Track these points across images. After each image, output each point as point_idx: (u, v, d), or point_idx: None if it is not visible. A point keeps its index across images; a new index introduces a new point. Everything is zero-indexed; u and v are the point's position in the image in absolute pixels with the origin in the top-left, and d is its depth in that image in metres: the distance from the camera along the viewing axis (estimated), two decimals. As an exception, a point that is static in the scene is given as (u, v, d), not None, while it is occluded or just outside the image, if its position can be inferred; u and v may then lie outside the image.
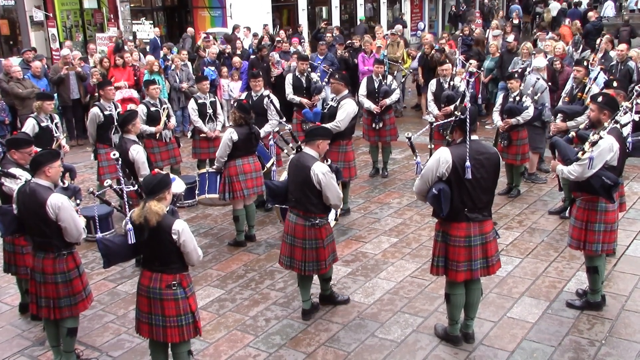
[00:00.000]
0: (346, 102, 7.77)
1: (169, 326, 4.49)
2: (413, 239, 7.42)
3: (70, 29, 19.89)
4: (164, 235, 4.34)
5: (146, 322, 4.54)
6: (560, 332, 5.31)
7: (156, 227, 4.32)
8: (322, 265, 5.51)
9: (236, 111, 7.18)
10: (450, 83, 9.12)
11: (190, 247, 4.43)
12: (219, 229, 8.10)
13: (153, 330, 4.53)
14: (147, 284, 4.49)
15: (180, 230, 4.35)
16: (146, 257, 4.51)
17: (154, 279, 4.47)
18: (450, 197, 4.70)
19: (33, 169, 4.86)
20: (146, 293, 4.50)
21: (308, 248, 5.46)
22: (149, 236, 4.36)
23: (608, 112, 5.33)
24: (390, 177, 9.72)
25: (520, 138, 8.34)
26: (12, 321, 5.98)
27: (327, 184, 5.31)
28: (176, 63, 12.62)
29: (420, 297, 6.03)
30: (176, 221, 4.39)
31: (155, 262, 4.46)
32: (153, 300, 4.48)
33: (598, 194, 5.21)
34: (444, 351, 5.13)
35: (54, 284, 4.84)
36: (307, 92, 9.60)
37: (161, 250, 4.40)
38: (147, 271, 4.52)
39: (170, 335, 4.51)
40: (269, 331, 5.56)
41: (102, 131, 8.43)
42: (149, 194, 4.39)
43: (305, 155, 5.47)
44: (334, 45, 13.94)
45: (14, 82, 11.42)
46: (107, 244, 4.50)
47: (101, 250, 4.52)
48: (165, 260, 4.43)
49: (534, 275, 6.35)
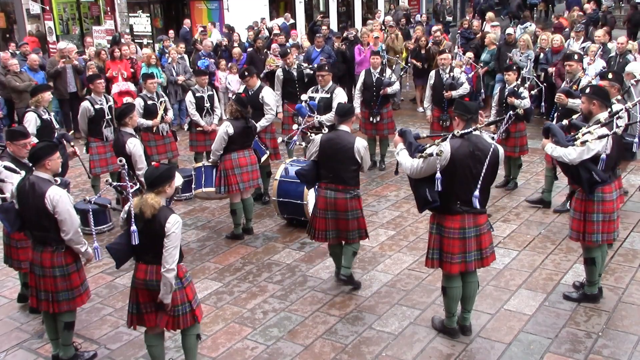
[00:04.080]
0: (340, 91, 8.22)
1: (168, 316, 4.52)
2: (410, 232, 7.43)
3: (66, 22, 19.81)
4: (158, 227, 4.34)
5: (153, 312, 4.54)
6: (557, 324, 5.33)
7: (151, 219, 4.33)
8: (364, 232, 5.98)
9: (234, 104, 7.18)
10: (450, 74, 9.12)
11: (174, 244, 4.36)
12: (216, 222, 8.10)
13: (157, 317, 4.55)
14: (144, 277, 4.49)
15: (172, 224, 4.33)
16: (139, 249, 4.49)
17: (149, 272, 4.47)
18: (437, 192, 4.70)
19: (33, 162, 4.86)
20: (144, 286, 4.50)
21: (351, 218, 5.87)
22: (144, 228, 4.36)
23: (597, 102, 5.35)
24: (387, 170, 9.72)
25: (518, 130, 8.33)
26: (11, 314, 5.99)
27: (366, 155, 5.90)
28: (172, 56, 12.57)
29: (417, 289, 6.05)
30: (172, 215, 4.38)
31: (149, 253, 4.46)
32: (152, 292, 4.48)
33: (581, 184, 5.21)
34: (441, 343, 5.14)
35: (52, 277, 4.85)
36: (298, 83, 9.60)
37: (155, 243, 4.39)
38: (142, 264, 4.52)
39: (172, 323, 4.55)
40: (267, 324, 5.57)
41: (93, 125, 8.40)
42: (149, 187, 4.40)
43: (342, 132, 5.89)
44: (331, 38, 13.90)
45: (11, 74, 11.39)
46: (116, 247, 4.52)
47: (113, 255, 4.55)
48: (159, 252, 4.41)
49: (531, 268, 6.37)
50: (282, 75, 9.72)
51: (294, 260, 6.84)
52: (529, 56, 11.55)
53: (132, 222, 4.34)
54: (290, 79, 9.67)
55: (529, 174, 9.24)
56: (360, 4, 24.16)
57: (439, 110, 9.31)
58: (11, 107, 11.75)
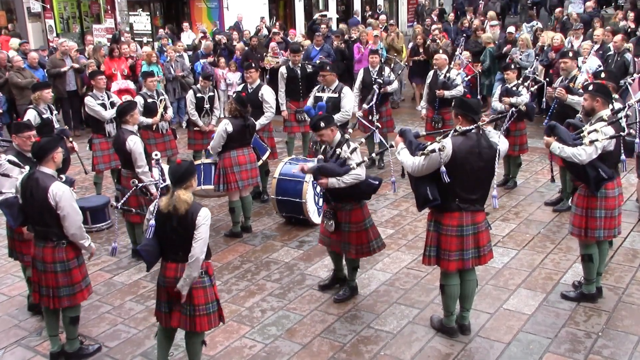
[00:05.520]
0: (347, 91, 8.19)
1: (197, 315, 4.48)
2: (409, 231, 7.41)
3: (67, 20, 19.82)
4: (190, 222, 4.33)
5: (178, 311, 4.51)
6: (556, 324, 5.31)
7: (184, 215, 4.32)
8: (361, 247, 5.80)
9: (233, 102, 7.16)
10: (446, 75, 9.09)
11: (203, 236, 4.36)
12: (215, 220, 8.08)
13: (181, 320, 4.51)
14: (174, 275, 4.43)
15: (203, 217, 4.34)
16: (168, 249, 4.45)
17: (180, 270, 4.41)
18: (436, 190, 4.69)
19: (40, 156, 4.85)
20: (174, 285, 4.43)
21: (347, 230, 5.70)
22: (177, 225, 4.34)
23: (601, 99, 5.32)
24: (386, 169, 9.69)
25: (518, 129, 8.31)
26: (9, 311, 5.98)
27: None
28: (170, 55, 12.56)
29: (416, 288, 6.03)
30: (202, 209, 4.38)
31: (178, 252, 4.41)
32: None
33: (588, 183, 5.20)
34: (440, 342, 5.13)
35: (54, 272, 4.86)
36: (302, 81, 9.57)
37: (186, 239, 4.35)
38: (172, 263, 4.46)
39: (199, 324, 4.50)
40: (265, 322, 5.56)
41: (95, 121, 8.43)
42: (176, 183, 4.37)
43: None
44: (330, 37, 13.89)
45: (13, 71, 11.39)
46: (146, 249, 4.45)
47: (144, 258, 4.49)
48: (189, 249, 4.35)
49: (530, 267, 6.35)
50: (286, 73, 9.68)
51: (292, 258, 6.83)
52: (529, 55, 11.54)
53: (153, 217, 4.33)
54: (294, 76, 9.63)
55: (528, 173, 9.22)
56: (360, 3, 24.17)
57: (432, 111, 9.27)
58: (12, 104, 11.77)
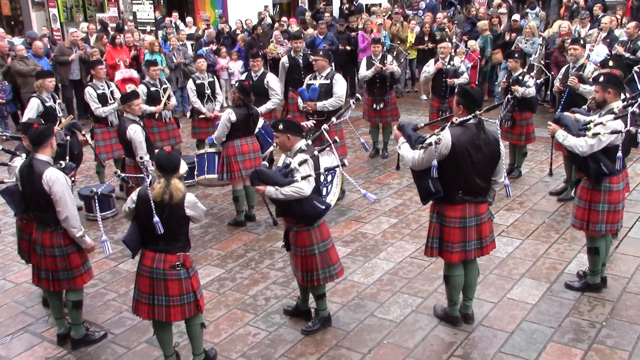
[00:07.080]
0: (339, 77, 8.01)
1: (172, 305, 4.51)
2: (413, 220, 7.41)
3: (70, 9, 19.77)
4: (179, 211, 4.40)
5: (146, 303, 4.54)
6: (560, 313, 5.30)
7: (178, 203, 4.38)
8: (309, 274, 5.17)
9: (236, 92, 7.14)
10: (450, 63, 9.07)
11: (199, 213, 4.57)
12: (219, 208, 8.10)
13: (155, 311, 4.53)
14: (150, 265, 4.48)
15: (191, 201, 4.45)
16: (150, 238, 4.47)
17: (157, 260, 4.46)
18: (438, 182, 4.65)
19: (39, 143, 4.87)
20: (149, 274, 4.49)
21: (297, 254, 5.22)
22: (168, 214, 4.37)
23: (613, 91, 5.26)
24: (390, 158, 9.68)
25: (524, 118, 8.27)
26: (16, 298, 6.02)
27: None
28: (173, 44, 12.53)
29: (419, 277, 6.03)
30: (187, 194, 4.44)
31: (159, 241, 4.45)
32: (156, 281, 4.47)
33: (588, 175, 5.17)
34: (443, 331, 5.13)
35: (52, 257, 4.91)
36: (304, 70, 9.53)
37: (171, 228, 4.40)
38: (150, 252, 4.51)
39: (173, 314, 4.53)
40: (269, 310, 5.57)
41: None
42: (171, 172, 4.40)
43: None
44: (334, 25, 13.84)
45: (17, 59, 11.46)
46: (130, 238, 4.52)
47: (130, 247, 4.55)
48: (172, 238, 4.42)
49: (534, 257, 6.34)
50: (288, 62, 9.65)
51: (296, 247, 6.83)
52: (534, 43, 11.47)
53: (154, 213, 4.32)
54: (296, 65, 9.61)
55: (533, 163, 9.19)
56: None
57: (438, 100, 9.24)
58: (17, 92, 11.81)
